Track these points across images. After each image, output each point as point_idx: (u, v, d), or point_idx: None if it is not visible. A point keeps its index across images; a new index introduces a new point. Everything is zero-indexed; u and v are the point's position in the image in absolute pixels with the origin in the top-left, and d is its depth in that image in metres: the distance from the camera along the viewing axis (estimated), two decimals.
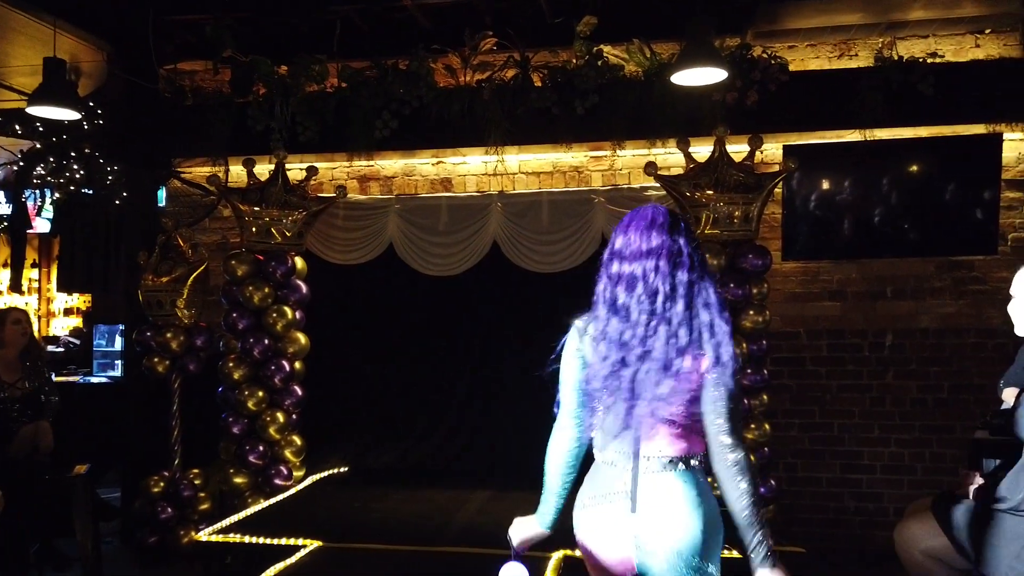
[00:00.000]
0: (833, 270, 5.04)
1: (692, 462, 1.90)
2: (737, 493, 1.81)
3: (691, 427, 1.88)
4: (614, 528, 1.89)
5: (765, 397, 4.37)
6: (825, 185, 4.92)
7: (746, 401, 4.24)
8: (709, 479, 1.92)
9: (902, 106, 4.56)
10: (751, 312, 4.30)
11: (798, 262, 5.02)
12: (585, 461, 2.03)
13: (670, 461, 1.89)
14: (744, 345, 4.23)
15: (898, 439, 4.94)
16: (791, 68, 4.64)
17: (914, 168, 4.87)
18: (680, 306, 1.86)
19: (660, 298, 1.86)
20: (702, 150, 4.62)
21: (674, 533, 1.83)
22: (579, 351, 1.98)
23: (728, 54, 4.42)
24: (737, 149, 4.57)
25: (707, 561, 1.84)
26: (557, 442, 2.01)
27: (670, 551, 1.82)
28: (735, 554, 3.30)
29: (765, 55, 4.58)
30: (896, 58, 4.60)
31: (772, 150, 4.97)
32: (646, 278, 1.87)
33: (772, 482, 4.33)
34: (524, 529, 2.10)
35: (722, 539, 1.93)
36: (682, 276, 1.87)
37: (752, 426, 4.29)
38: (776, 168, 4.70)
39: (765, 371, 4.32)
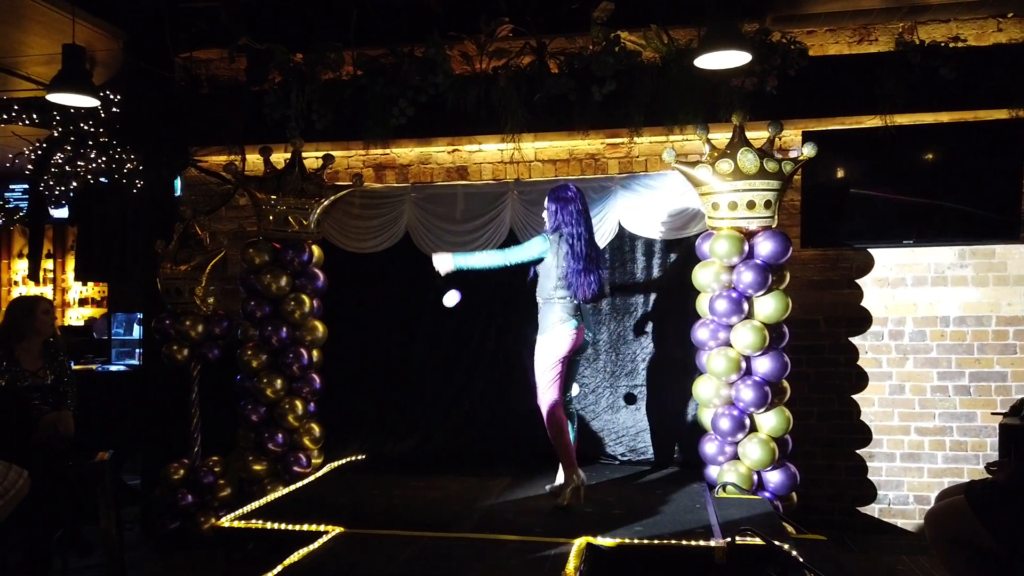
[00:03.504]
0: (852, 257, 5.01)
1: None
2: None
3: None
4: (577, 327, 4.06)
5: (785, 385, 4.35)
6: (845, 171, 4.88)
7: (766, 389, 4.22)
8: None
9: (923, 91, 4.53)
10: (771, 300, 4.27)
11: (817, 249, 4.99)
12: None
13: (585, 300, 4.08)
14: (765, 333, 4.22)
15: (918, 427, 4.92)
16: (810, 53, 4.61)
17: (935, 154, 4.82)
18: (592, 235, 4.18)
19: (588, 232, 4.10)
20: (720, 136, 4.59)
21: (586, 325, 4.20)
22: (546, 246, 4.06)
23: (748, 39, 4.38)
24: (756, 136, 4.54)
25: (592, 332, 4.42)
26: (499, 252, 4.16)
27: (585, 331, 4.19)
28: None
29: (784, 40, 4.55)
30: (917, 42, 4.56)
31: (791, 136, 4.94)
32: (584, 222, 4.08)
33: (793, 469, 4.32)
34: (442, 261, 4.15)
35: None
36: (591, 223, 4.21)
37: (771, 414, 4.28)
38: (795, 154, 4.66)
39: (786, 359, 4.29)
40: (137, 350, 7.24)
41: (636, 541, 3.39)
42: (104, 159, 5.18)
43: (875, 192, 4.86)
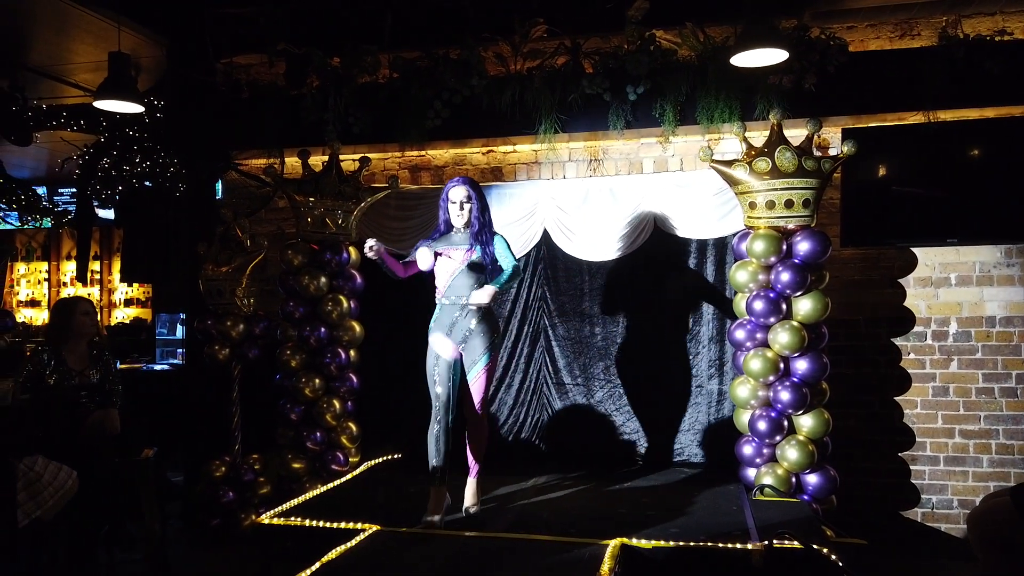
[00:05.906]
0: (894, 256, 4.91)
1: None
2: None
3: None
4: None
5: (825, 386, 4.28)
6: (886, 169, 4.79)
7: (805, 391, 4.16)
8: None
9: (968, 86, 4.42)
10: (809, 300, 4.21)
11: (858, 248, 4.90)
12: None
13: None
14: (804, 334, 4.16)
15: (963, 430, 4.81)
16: (850, 49, 4.53)
17: (980, 150, 4.70)
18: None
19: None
20: (757, 135, 4.54)
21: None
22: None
23: (785, 35, 4.33)
24: (794, 133, 4.48)
25: None
26: (515, 269, 3.94)
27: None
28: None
29: (824, 36, 4.48)
30: (961, 36, 4.45)
31: (830, 134, 4.86)
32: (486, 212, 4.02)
33: (832, 472, 4.25)
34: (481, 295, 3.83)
35: None
36: None
37: (810, 416, 4.22)
38: (834, 152, 4.59)
39: (825, 360, 4.23)
40: (180, 350, 7.41)
41: (671, 543, 3.37)
42: (148, 163, 5.32)
43: (917, 190, 4.75)
